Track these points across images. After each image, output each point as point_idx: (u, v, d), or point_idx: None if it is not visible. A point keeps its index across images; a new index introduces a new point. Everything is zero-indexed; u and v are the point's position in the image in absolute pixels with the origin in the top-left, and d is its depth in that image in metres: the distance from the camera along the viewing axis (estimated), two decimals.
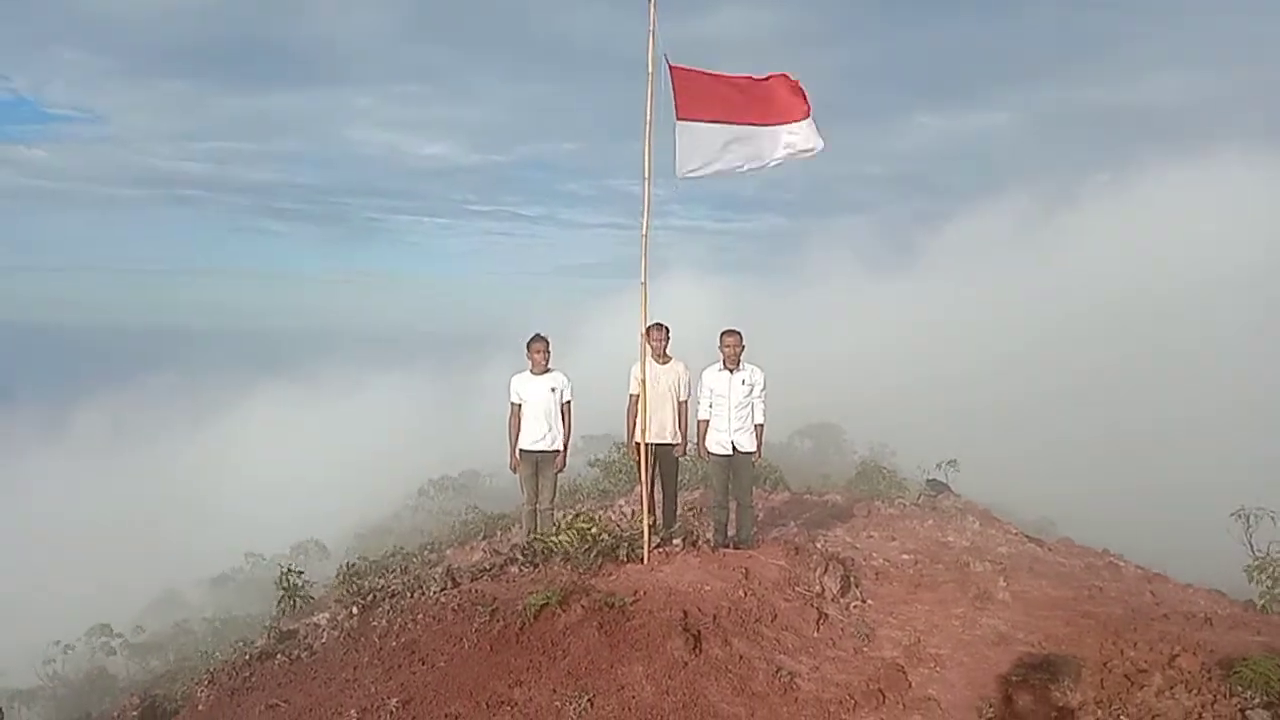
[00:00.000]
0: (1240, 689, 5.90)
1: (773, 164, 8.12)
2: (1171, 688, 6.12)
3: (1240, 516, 10.91)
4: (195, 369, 76.01)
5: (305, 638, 7.58)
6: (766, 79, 8.05)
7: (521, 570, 8.33)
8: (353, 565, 11.03)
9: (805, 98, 8.01)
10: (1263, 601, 9.39)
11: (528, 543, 8.82)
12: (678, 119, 7.83)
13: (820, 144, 8.06)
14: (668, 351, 9.17)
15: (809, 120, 8.04)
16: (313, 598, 10.15)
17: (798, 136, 8.05)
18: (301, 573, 9.36)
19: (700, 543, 8.84)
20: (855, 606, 8.07)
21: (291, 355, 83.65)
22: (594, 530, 8.32)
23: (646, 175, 7.97)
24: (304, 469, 39.72)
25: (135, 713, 6.97)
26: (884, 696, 6.40)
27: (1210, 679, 6.13)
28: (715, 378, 8.95)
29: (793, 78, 8.01)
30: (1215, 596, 9.32)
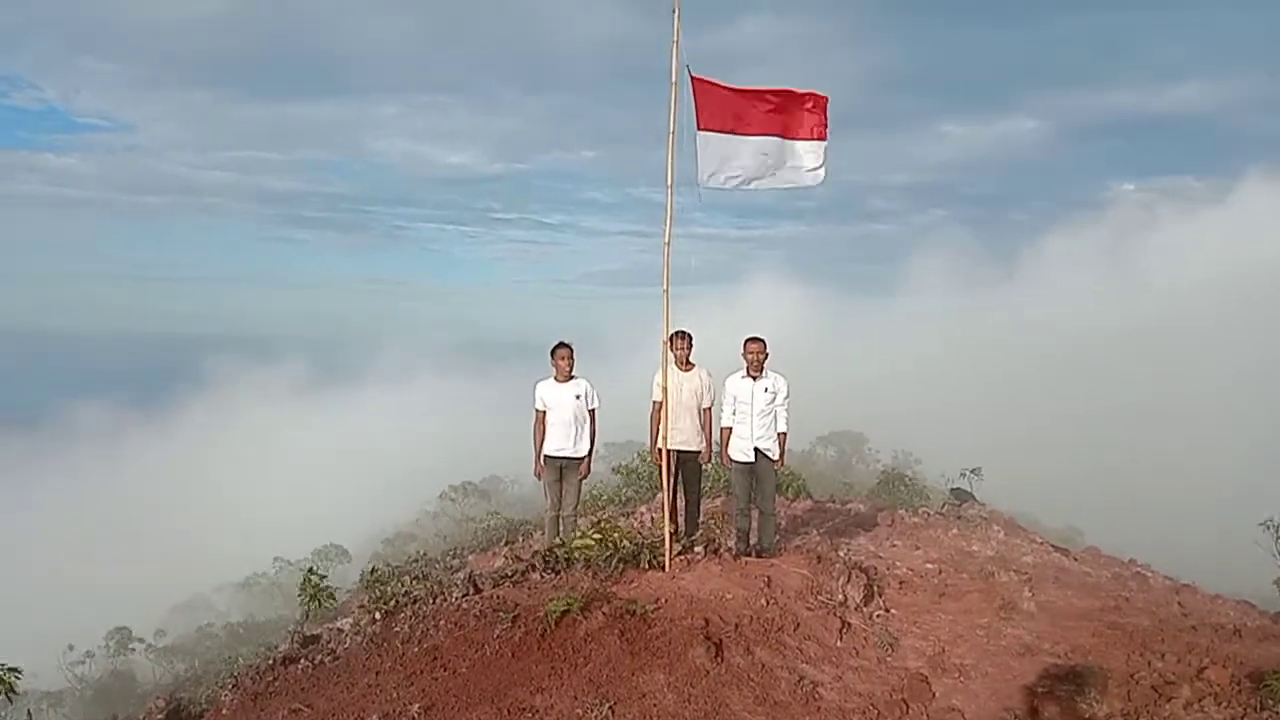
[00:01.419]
0: (1271, 702, 5.82)
1: (788, 183, 8.15)
2: (1200, 700, 6.04)
3: (1269, 528, 10.80)
4: (221, 376, 76.76)
5: (328, 643, 7.62)
6: (790, 92, 8.04)
7: (543, 577, 8.33)
8: (375, 571, 11.07)
9: (825, 120, 8.02)
10: None
11: (550, 549, 8.83)
12: (699, 129, 7.87)
13: (822, 176, 8.09)
14: (691, 359, 9.17)
15: (824, 144, 8.06)
16: (335, 601, 10.21)
17: (813, 155, 8.07)
18: (325, 576, 9.46)
19: (722, 550, 8.83)
20: (878, 616, 8.02)
21: (317, 362, 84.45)
22: (616, 537, 8.32)
23: (669, 184, 7.99)
24: (328, 474, 40.05)
25: (161, 715, 7.03)
26: (907, 707, 6.36)
27: (1240, 692, 6.06)
28: (738, 385, 8.94)
29: (820, 94, 8.01)
30: (1244, 608, 9.19)
